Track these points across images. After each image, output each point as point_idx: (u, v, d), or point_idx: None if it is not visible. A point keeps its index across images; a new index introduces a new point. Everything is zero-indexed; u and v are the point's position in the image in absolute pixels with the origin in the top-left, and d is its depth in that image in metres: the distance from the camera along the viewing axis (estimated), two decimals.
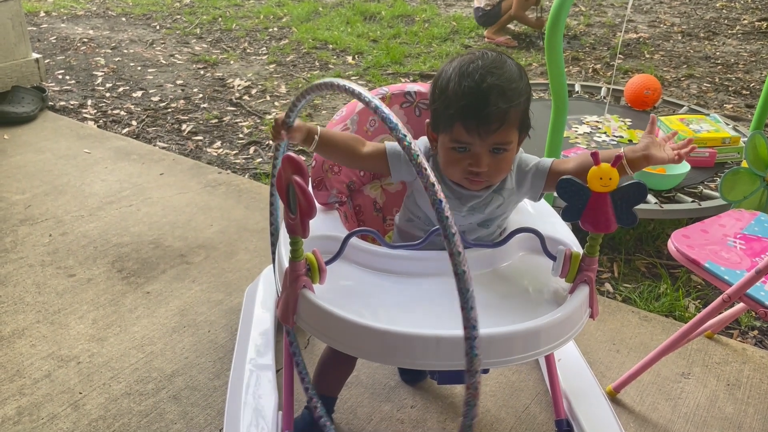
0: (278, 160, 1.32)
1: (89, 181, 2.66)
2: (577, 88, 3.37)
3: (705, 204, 2.25)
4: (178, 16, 5.30)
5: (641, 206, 1.47)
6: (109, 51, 4.40)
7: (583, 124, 2.85)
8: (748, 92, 4.00)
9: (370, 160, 1.31)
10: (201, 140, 3.17)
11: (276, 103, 3.63)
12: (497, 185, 1.29)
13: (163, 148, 3.05)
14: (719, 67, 4.43)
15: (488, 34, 4.88)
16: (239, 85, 3.87)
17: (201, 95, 3.71)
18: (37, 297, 1.96)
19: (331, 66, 4.26)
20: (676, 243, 1.55)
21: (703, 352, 1.83)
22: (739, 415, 1.63)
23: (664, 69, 4.37)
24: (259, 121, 3.40)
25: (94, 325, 1.86)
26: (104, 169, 2.77)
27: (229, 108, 3.56)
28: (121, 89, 3.76)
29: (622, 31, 5.06)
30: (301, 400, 1.53)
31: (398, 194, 1.53)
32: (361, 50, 4.54)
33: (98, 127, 3.26)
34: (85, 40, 4.59)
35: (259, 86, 3.88)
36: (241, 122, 3.38)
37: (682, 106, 3.18)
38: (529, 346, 1.08)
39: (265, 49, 4.58)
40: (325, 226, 1.35)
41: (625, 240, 2.37)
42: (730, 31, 5.29)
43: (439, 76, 1.23)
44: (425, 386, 1.67)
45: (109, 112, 3.44)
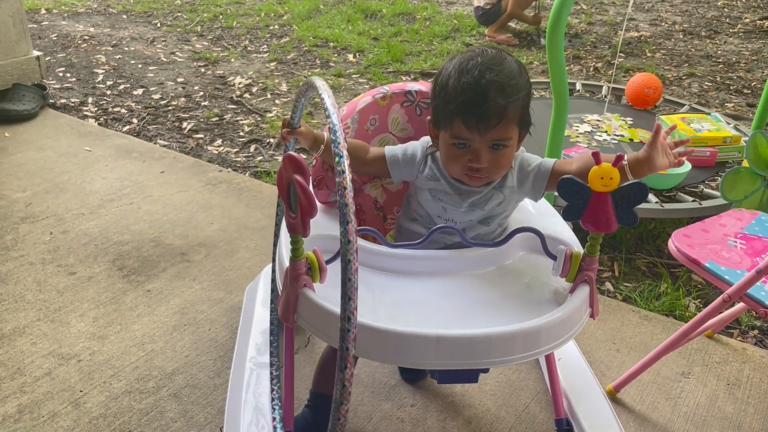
0: None
1: (90, 179, 2.66)
2: (578, 86, 3.36)
3: (706, 203, 2.25)
4: (179, 14, 5.30)
5: (642, 205, 1.47)
6: (110, 48, 4.40)
7: (584, 122, 2.84)
8: (750, 91, 4.00)
9: (373, 165, 1.36)
10: (202, 138, 3.17)
11: (277, 101, 3.63)
12: (498, 183, 1.29)
13: (164, 146, 3.05)
14: (720, 66, 4.42)
15: (489, 33, 4.88)
16: (240, 83, 3.87)
17: (202, 93, 3.71)
18: (38, 295, 1.97)
19: (332, 64, 4.26)
20: (677, 242, 1.55)
21: (704, 352, 1.83)
22: (739, 414, 1.63)
23: (666, 68, 4.37)
24: (259, 119, 3.40)
25: (95, 323, 1.86)
26: (105, 167, 2.77)
27: (230, 106, 3.56)
28: (122, 87, 3.75)
29: (623, 30, 5.05)
30: (301, 399, 1.53)
31: (399, 193, 1.53)
32: (362, 48, 4.54)
33: (99, 124, 3.26)
34: (86, 38, 4.59)
35: (260, 84, 3.87)
36: (241, 120, 3.38)
37: (683, 105, 3.17)
38: (529, 346, 1.08)
39: (266, 46, 4.58)
40: (326, 225, 1.34)
41: (626, 239, 2.37)
42: (731, 30, 5.29)
43: (440, 73, 1.25)
44: (425, 385, 1.67)
45: (110, 110, 3.44)
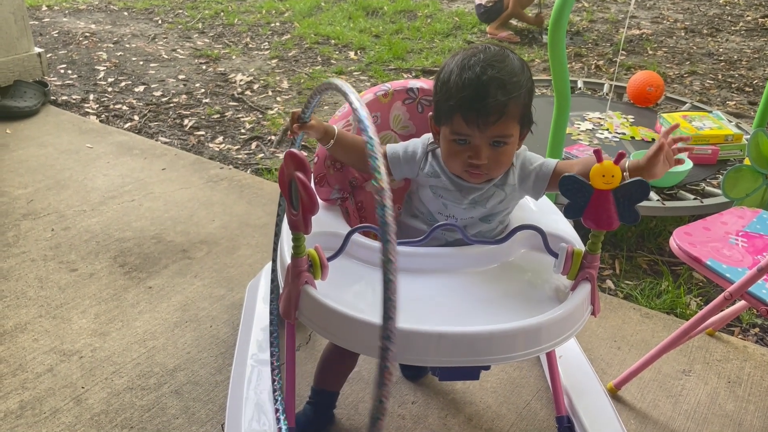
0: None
1: (91, 176, 2.66)
2: (580, 84, 3.36)
3: (707, 201, 2.25)
4: (180, 11, 5.29)
5: (643, 203, 1.47)
6: (111, 45, 4.40)
7: (586, 120, 2.84)
8: (751, 89, 3.99)
9: None
10: (203, 135, 3.17)
11: (278, 99, 3.62)
12: (500, 180, 1.29)
13: (165, 143, 3.05)
14: (722, 64, 4.42)
15: (490, 30, 4.88)
16: (241, 80, 3.87)
17: (203, 90, 3.71)
18: (40, 291, 1.97)
19: (333, 61, 4.25)
20: (678, 240, 1.55)
21: (704, 350, 1.83)
22: (740, 412, 1.63)
23: (667, 65, 4.36)
24: (261, 116, 3.40)
25: (97, 319, 1.86)
26: (106, 163, 2.77)
27: (231, 103, 3.56)
28: (123, 84, 3.75)
29: (625, 28, 5.04)
30: (303, 396, 1.53)
31: (400, 190, 1.53)
32: (364, 45, 4.53)
33: (100, 121, 3.26)
34: (87, 35, 4.58)
35: (261, 81, 3.87)
36: (243, 117, 3.38)
37: (685, 103, 3.17)
38: (530, 343, 1.08)
39: (267, 44, 4.58)
40: (327, 223, 1.35)
41: (627, 237, 2.37)
42: (733, 28, 5.28)
43: (443, 69, 1.25)
44: (426, 382, 1.67)
45: (111, 107, 3.44)
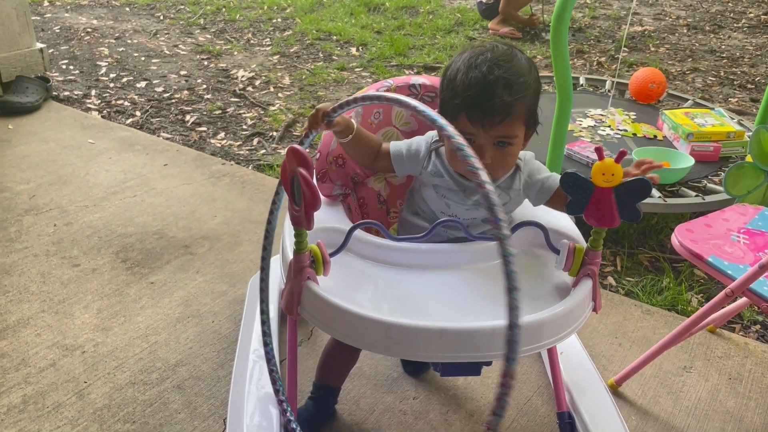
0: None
1: (93, 172, 2.66)
2: (582, 81, 3.36)
3: (709, 198, 2.25)
4: (182, 6, 5.29)
5: (645, 200, 1.47)
6: (113, 41, 4.39)
7: (588, 117, 2.84)
8: (753, 86, 3.99)
9: (381, 160, 1.36)
10: (205, 131, 3.17)
11: (279, 95, 3.62)
12: (505, 183, 1.29)
13: (167, 139, 3.05)
14: (724, 61, 4.41)
15: (492, 26, 4.87)
16: (243, 76, 3.87)
17: (205, 86, 3.71)
18: (42, 286, 1.97)
19: (335, 57, 4.25)
20: (680, 237, 1.55)
21: (705, 346, 1.84)
22: (741, 408, 1.63)
23: (669, 62, 4.36)
24: (262, 112, 3.40)
25: (99, 314, 1.87)
26: (108, 159, 2.78)
27: (233, 99, 3.56)
28: (125, 80, 3.76)
29: (627, 24, 5.03)
30: (304, 391, 1.54)
31: (402, 187, 1.54)
32: (365, 42, 4.53)
33: (102, 117, 3.26)
34: (89, 30, 4.58)
35: (263, 77, 3.87)
36: (244, 113, 3.38)
37: (687, 100, 3.17)
38: (531, 339, 1.09)
39: (268, 40, 4.58)
40: (329, 219, 1.35)
41: (629, 234, 2.37)
42: (735, 25, 5.27)
43: (449, 66, 1.24)
44: (427, 378, 1.67)
45: (113, 103, 3.44)
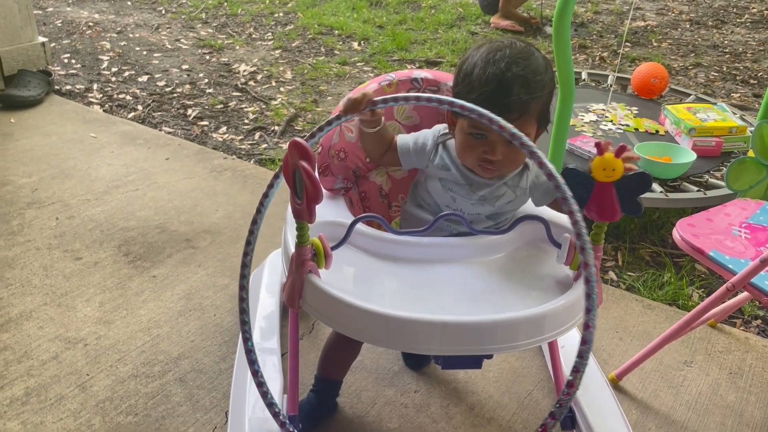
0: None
1: (95, 165, 2.67)
2: (584, 75, 3.35)
3: (710, 193, 2.25)
4: (184, 1, 5.28)
5: (646, 195, 1.47)
6: (115, 35, 4.39)
7: (590, 112, 2.84)
8: (756, 81, 3.98)
9: (390, 154, 1.37)
10: (206, 125, 3.17)
11: (281, 89, 3.62)
12: (512, 181, 1.29)
13: (169, 133, 3.05)
14: (727, 56, 4.40)
15: (494, 20, 4.86)
16: (245, 71, 3.86)
17: (206, 80, 3.71)
18: (44, 280, 1.98)
19: (336, 52, 4.25)
20: (681, 232, 1.55)
21: (706, 341, 1.84)
22: (741, 403, 1.64)
23: (672, 57, 4.35)
24: (264, 106, 3.40)
25: (101, 307, 1.87)
26: (110, 153, 2.78)
27: (235, 93, 3.56)
28: (127, 74, 3.75)
29: (630, 19, 5.02)
30: (306, 384, 1.54)
31: (404, 181, 1.54)
32: (367, 36, 4.52)
33: (104, 111, 3.26)
34: (91, 24, 4.58)
35: (265, 72, 3.87)
36: (246, 108, 3.38)
37: (689, 95, 3.16)
38: (533, 333, 1.09)
39: (270, 34, 4.57)
40: (331, 212, 1.35)
41: (630, 228, 2.37)
42: (738, 20, 5.25)
43: (465, 60, 1.24)
44: (429, 371, 1.68)
45: (115, 97, 3.44)
